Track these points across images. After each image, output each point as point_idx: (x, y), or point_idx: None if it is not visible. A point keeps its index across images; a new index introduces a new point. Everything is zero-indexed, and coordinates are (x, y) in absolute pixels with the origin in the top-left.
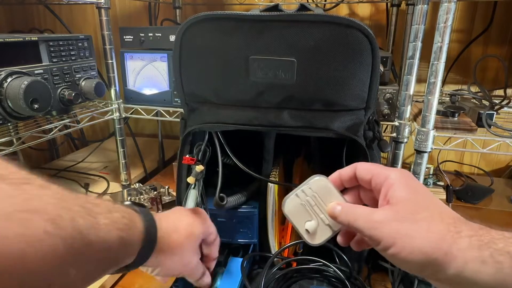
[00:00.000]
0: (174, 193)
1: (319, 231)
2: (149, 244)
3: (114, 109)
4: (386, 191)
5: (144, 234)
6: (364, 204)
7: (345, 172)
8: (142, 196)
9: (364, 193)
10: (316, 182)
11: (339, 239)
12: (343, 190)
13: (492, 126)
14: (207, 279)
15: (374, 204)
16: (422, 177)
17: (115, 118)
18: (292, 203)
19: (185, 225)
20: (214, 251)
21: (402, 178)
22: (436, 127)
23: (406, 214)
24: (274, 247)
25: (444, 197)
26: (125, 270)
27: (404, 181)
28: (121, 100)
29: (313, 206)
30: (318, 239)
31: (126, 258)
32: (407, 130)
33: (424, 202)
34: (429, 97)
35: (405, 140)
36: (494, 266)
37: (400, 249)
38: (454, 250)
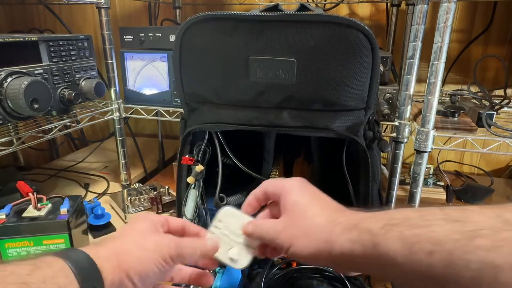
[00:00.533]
0: (174, 193)
1: (242, 254)
2: (86, 272)
3: (114, 109)
4: (284, 199)
5: (72, 269)
6: (275, 218)
7: (257, 191)
8: (142, 196)
9: (274, 208)
10: (223, 214)
11: (256, 253)
12: (258, 212)
13: (492, 126)
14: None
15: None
16: (422, 177)
17: (115, 118)
18: (211, 237)
19: (141, 247)
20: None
21: (295, 184)
22: (436, 127)
23: (297, 218)
24: None
25: (444, 197)
26: None
27: (296, 186)
28: (121, 100)
29: (229, 235)
30: (245, 261)
31: None
32: (407, 130)
33: (311, 204)
34: (429, 97)
35: (405, 140)
36: (361, 245)
37: (296, 248)
38: (333, 236)
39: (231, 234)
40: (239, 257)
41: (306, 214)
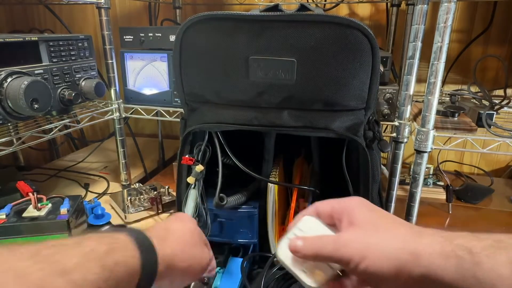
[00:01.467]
0: (174, 193)
1: (317, 271)
2: (148, 257)
3: (114, 109)
4: (348, 217)
5: (137, 249)
6: None
7: (306, 212)
8: (142, 196)
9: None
10: (305, 222)
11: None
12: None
13: (492, 126)
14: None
15: None
16: (422, 177)
17: (115, 118)
18: (284, 247)
19: (179, 225)
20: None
21: (361, 203)
22: (436, 127)
23: (371, 229)
24: (274, 247)
25: (444, 197)
26: None
27: (363, 205)
28: (121, 100)
29: None
30: (319, 280)
31: (128, 284)
32: (407, 130)
33: (385, 218)
34: (429, 97)
35: (405, 140)
36: (456, 261)
37: (371, 261)
38: (420, 248)
39: None
40: (313, 273)
41: (382, 225)
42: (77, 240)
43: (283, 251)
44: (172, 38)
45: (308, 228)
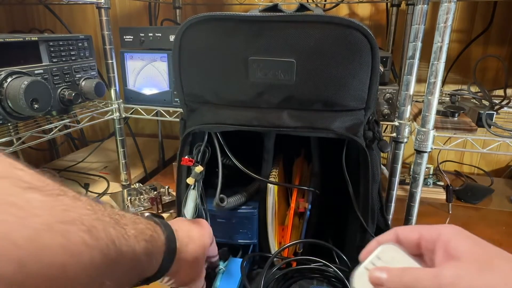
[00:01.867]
0: (174, 193)
1: None
2: (170, 255)
3: (114, 109)
4: (445, 248)
5: (165, 245)
6: None
7: (384, 238)
8: (142, 196)
9: None
10: (384, 251)
11: None
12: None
13: (492, 126)
14: None
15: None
16: (422, 177)
17: (115, 118)
18: (362, 278)
19: (198, 236)
20: (214, 250)
21: (457, 231)
22: (436, 127)
23: (478, 266)
24: (274, 247)
25: (444, 197)
26: (146, 283)
27: (461, 234)
28: (121, 100)
29: None
30: None
31: (150, 269)
32: (407, 130)
33: (491, 252)
34: (429, 97)
35: (405, 140)
36: None
37: None
38: None
39: None
40: None
41: (490, 262)
42: (132, 217)
43: (360, 283)
44: (172, 38)
45: (390, 258)
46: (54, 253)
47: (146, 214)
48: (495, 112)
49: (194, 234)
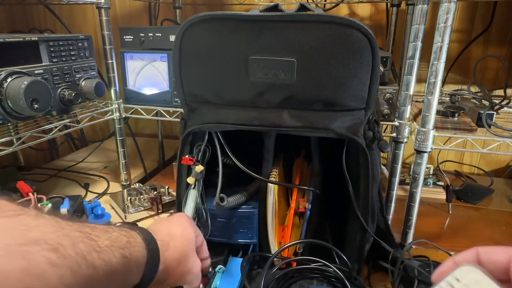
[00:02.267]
0: (174, 193)
1: None
2: (153, 258)
3: (114, 109)
4: None
5: (146, 248)
6: None
7: (461, 258)
8: (142, 196)
9: None
10: (464, 273)
11: None
12: None
13: (492, 126)
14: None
15: None
16: (422, 177)
17: (115, 118)
18: None
19: (180, 230)
20: (204, 250)
21: None
22: (436, 127)
23: None
24: (274, 247)
25: (444, 197)
26: None
27: None
28: (121, 100)
29: None
30: None
31: (133, 278)
32: (407, 130)
33: None
34: (429, 97)
35: (405, 140)
36: None
37: None
38: None
39: None
40: None
41: None
42: (104, 227)
43: None
44: (172, 38)
45: (471, 281)
46: (16, 278)
47: (118, 224)
48: (495, 112)
49: (175, 230)
